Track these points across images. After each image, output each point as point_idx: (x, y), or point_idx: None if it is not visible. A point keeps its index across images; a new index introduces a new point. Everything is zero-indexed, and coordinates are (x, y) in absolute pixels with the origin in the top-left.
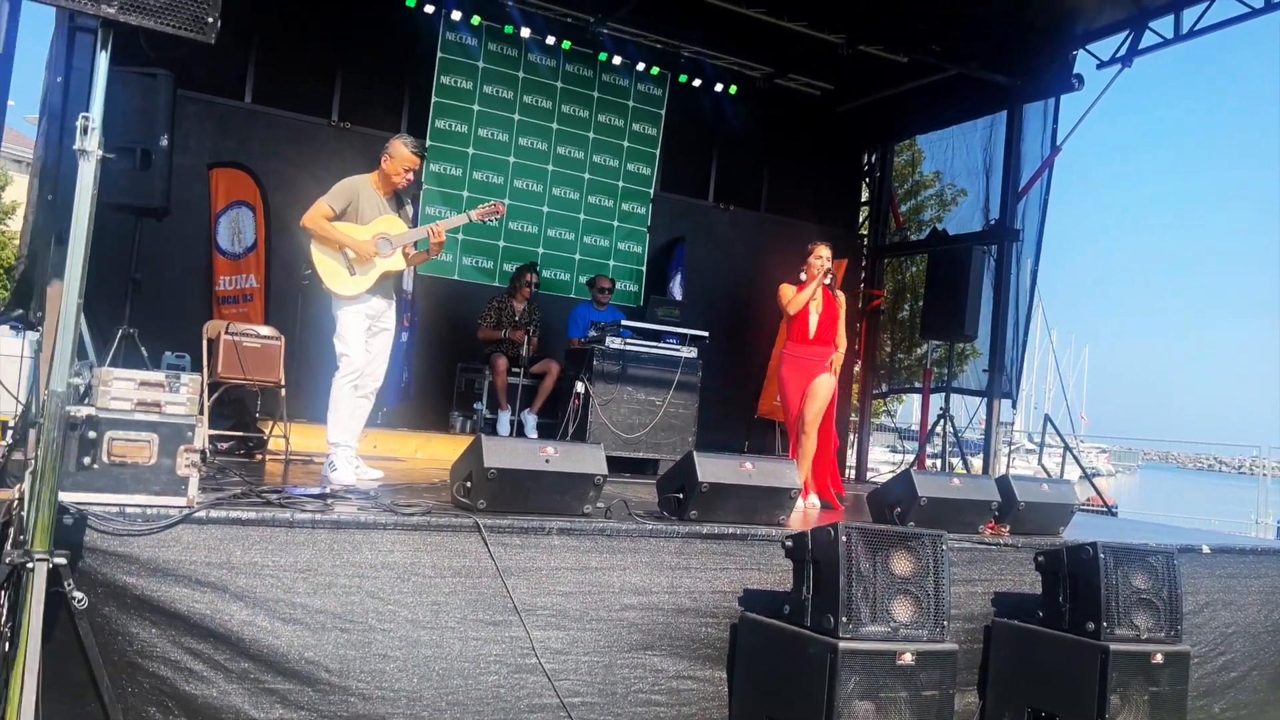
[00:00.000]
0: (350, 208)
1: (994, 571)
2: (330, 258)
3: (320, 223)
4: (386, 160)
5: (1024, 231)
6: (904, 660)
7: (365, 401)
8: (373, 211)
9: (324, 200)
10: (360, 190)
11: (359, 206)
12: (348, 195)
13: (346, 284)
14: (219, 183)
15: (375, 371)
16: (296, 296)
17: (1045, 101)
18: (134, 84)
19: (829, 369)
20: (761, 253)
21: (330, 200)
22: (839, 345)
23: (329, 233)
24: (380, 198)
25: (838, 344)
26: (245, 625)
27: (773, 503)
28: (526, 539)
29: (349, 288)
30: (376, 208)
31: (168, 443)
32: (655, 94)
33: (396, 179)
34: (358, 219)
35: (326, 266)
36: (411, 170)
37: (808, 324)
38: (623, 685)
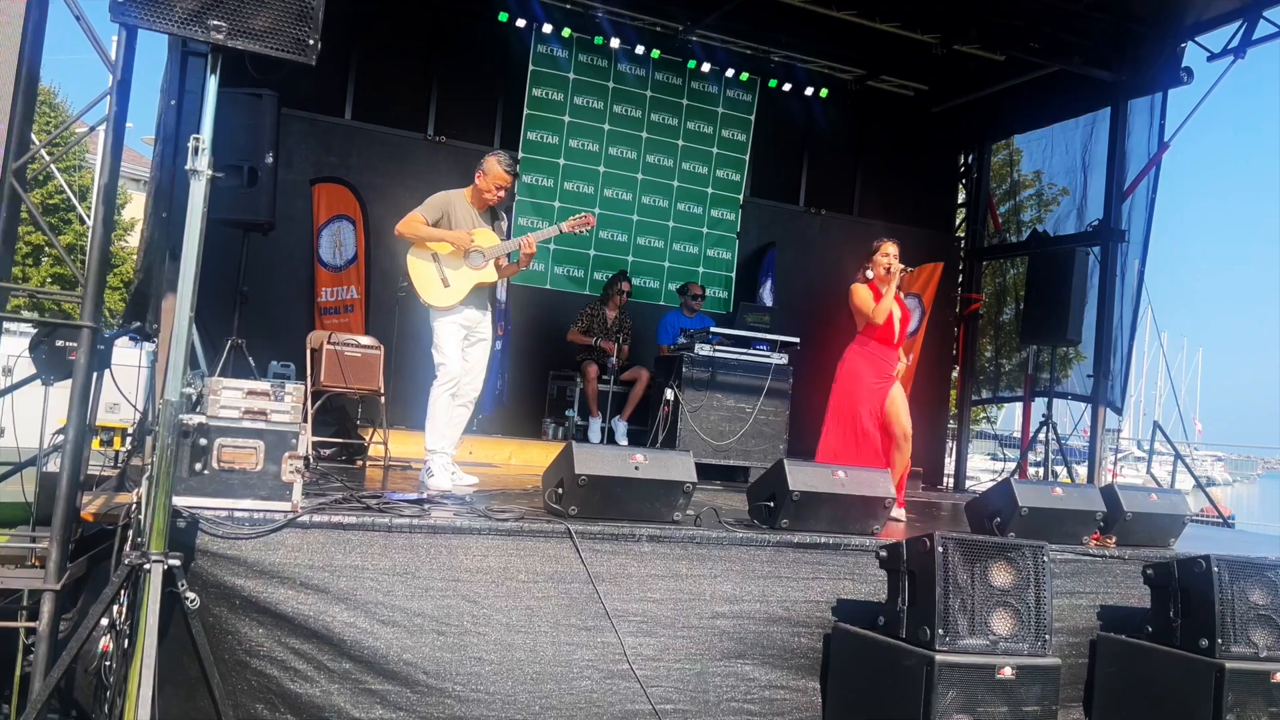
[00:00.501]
0: (443, 220)
1: (1100, 584)
2: (425, 267)
3: (415, 227)
4: (480, 176)
5: (1129, 232)
6: (1004, 674)
7: (464, 410)
8: (466, 224)
9: (417, 211)
10: (454, 203)
11: (452, 219)
12: (441, 207)
13: (440, 295)
14: (321, 197)
15: (473, 381)
16: (395, 307)
17: (1151, 97)
18: (241, 104)
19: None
20: (854, 257)
21: (424, 211)
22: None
23: (424, 233)
24: (474, 211)
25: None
26: (347, 626)
27: (866, 512)
28: (617, 545)
29: (443, 299)
30: (470, 220)
31: (273, 449)
32: (745, 99)
33: (489, 195)
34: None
35: (421, 278)
36: (503, 188)
37: (892, 327)
38: (715, 693)
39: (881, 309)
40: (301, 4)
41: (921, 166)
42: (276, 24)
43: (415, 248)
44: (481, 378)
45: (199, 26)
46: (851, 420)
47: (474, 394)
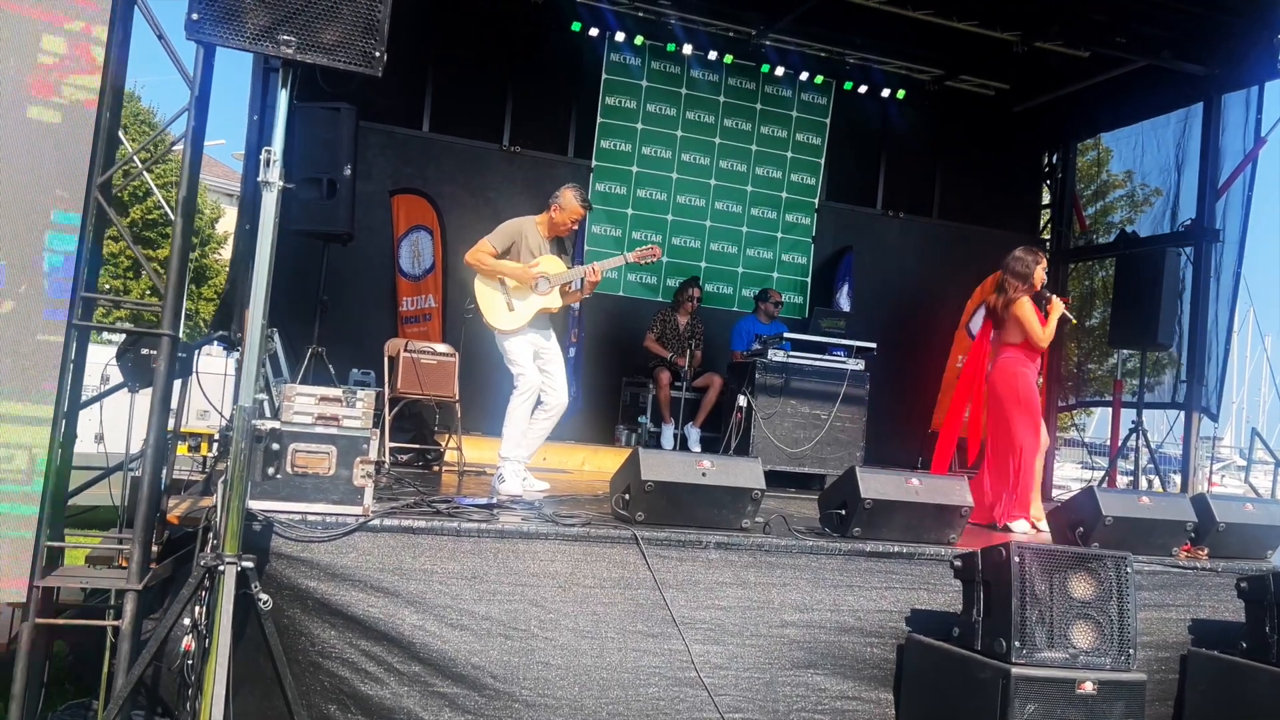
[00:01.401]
0: (513, 247)
1: (1191, 597)
2: (491, 292)
3: (481, 258)
4: (556, 210)
5: (1224, 231)
6: (1084, 689)
7: (548, 422)
8: (536, 252)
9: (487, 239)
10: (525, 231)
11: (522, 246)
12: (511, 235)
13: (505, 319)
14: (400, 208)
15: (558, 394)
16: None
17: (1247, 90)
18: (320, 118)
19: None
20: (934, 261)
21: (494, 239)
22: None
23: (491, 267)
24: (543, 239)
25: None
26: (416, 630)
27: (941, 521)
28: (684, 552)
29: (507, 322)
30: (539, 248)
31: (345, 454)
32: (820, 103)
33: (564, 228)
34: (520, 259)
35: (487, 300)
36: (578, 220)
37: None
38: (785, 703)
39: (1048, 334)
40: (368, 18)
41: (1003, 167)
42: (344, 38)
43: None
44: (565, 390)
45: (270, 42)
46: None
47: (561, 406)
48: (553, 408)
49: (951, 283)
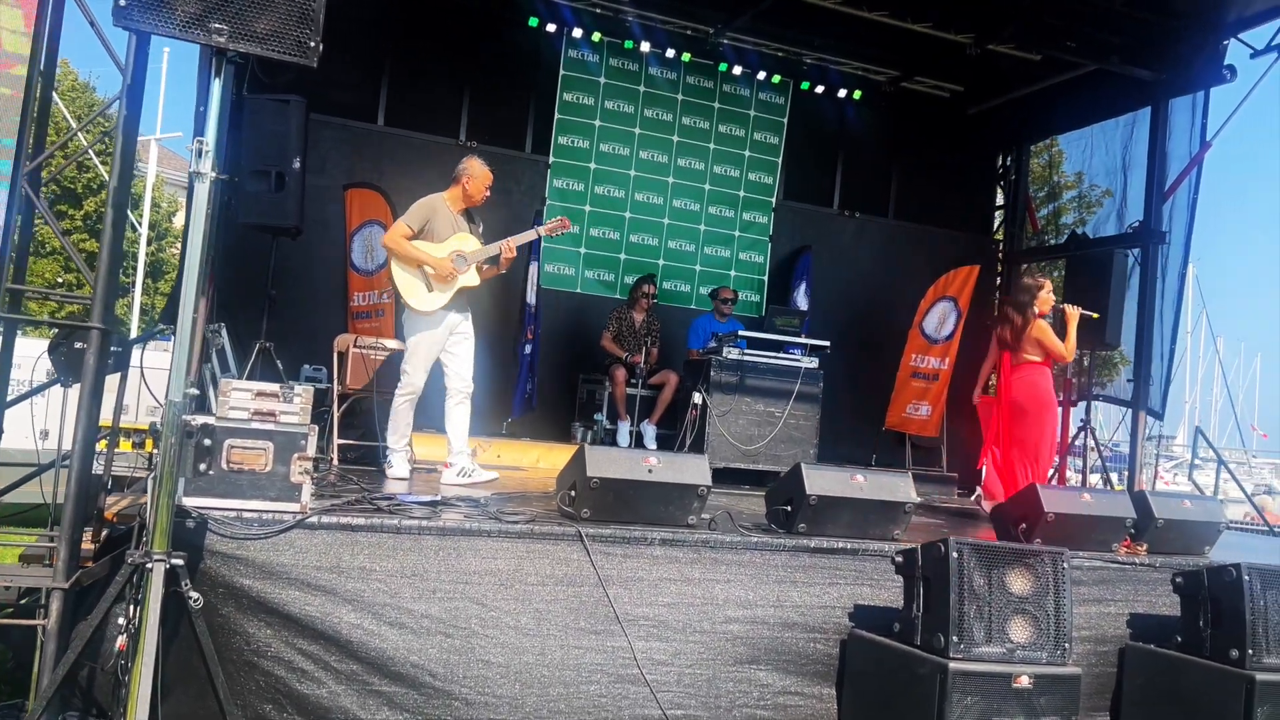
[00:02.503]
0: (427, 226)
1: (1129, 592)
2: (409, 275)
3: (400, 242)
4: (467, 180)
5: (1170, 234)
6: (1021, 683)
7: (463, 407)
8: (447, 229)
9: (402, 220)
10: (437, 209)
11: (435, 224)
12: (425, 214)
13: (425, 300)
14: (353, 202)
15: (464, 377)
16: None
17: (1193, 95)
18: (268, 110)
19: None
20: (889, 261)
21: (409, 219)
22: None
23: (409, 252)
24: (454, 215)
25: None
26: (354, 628)
27: (885, 517)
28: (629, 549)
29: (427, 303)
30: (451, 225)
31: (282, 451)
32: (777, 102)
33: (478, 197)
34: (434, 237)
35: (406, 283)
36: (489, 187)
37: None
38: (727, 699)
39: (1070, 348)
40: (303, 7)
41: (958, 168)
42: (278, 27)
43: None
44: (470, 371)
45: (201, 30)
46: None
47: (468, 389)
48: (460, 392)
49: (906, 282)
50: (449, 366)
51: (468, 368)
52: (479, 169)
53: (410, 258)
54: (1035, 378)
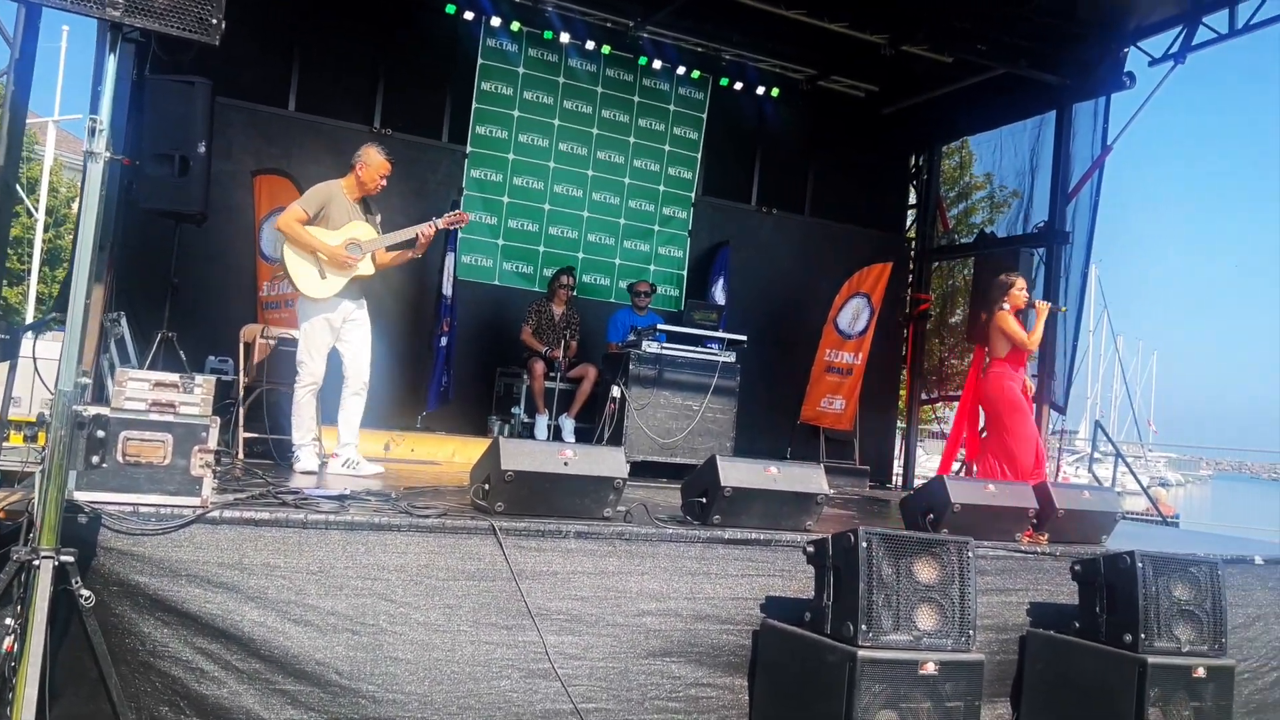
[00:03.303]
0: (322, 212)
1: (1030, 581)
2: (303, 260)
3: (294, 227)
4: (362, 168)
5: (1074, 234)
6: (926, 670)
7: (357, 399)
8: (343, 217)
9: (298, 204)
10: (333, 195)
11: (330, 211)
12: (322, 200)
13: (317, 287)
14: (262, 189)
15: (360, 368)
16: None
17: (1096, 101)
18: (171, 92)
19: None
20: (806, 257)
21: (304, 204)
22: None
23: (303, 237)
24: (350, 203)
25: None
26: (256, 626)
27: (798, 508)
28: (543, 542)
29: (319, 290)
30: (347, 213)
31: (182, 443)
32: (696, 98)
33: (372, 185)
34: (329, 223)
35: (298, 269)
36: (386, 176)
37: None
38: (639, 691)
39: (1035, 338)
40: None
41: (872, 167)
42: (178, 2)
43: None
44: (367, 361)
45: (94, 3)
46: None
47: (364, 379)
48: (355, 382)
49: (821, 279)
50: (344, 356)
51: (363, 358)
52: (375, 157)
53: (304, 243)
54: (1001, 379)
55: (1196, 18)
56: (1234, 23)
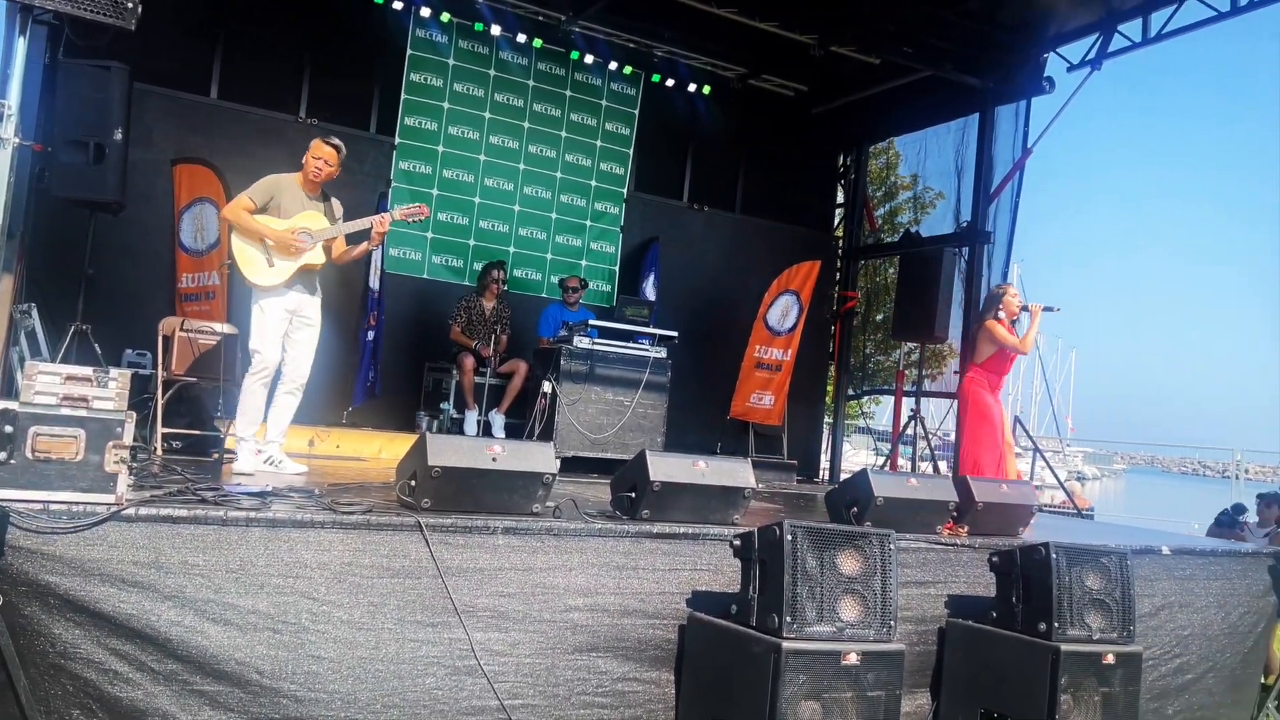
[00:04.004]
0: (272, 203)
1: (950, 572)
2: (249, 248)
3: (239, 214)
4: (307, 159)
5: (995, 234)
6: (849, 660)
7: (291, 397)
8: (295, 207)
9: (245, 194)
10: (283, 187)
11: (280, 202)
12: (270, 190)
13: (265, 274)
14: (182, 178)
15: (299, 366)
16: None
17: (1017, 104)
18: (86, 77)
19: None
20: (736, 254)
21: (252, 194)
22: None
23: (249, 224)
24: (303, 194)
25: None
26: (173, 626)
27: (726, 502)
28: (470, 538)
29: (267, 278)
30: (299, 203)
31: (96, 439)
32: (629, 93)
33: (307, 169)
34: (279, 214)
35: (245, 256)
36: (323, 159)
37: (1009, 359)
38: (565, 687)
39: (1029, 341)
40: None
41: (802, 166)
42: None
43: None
44: (308, 362)
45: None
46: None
47: (301, 379)
48: (291, 383)
49: (752, 276)
50: (286, 351)
51: (306, 358)
52: (317, 145)
53: (250, 230)
54: (973, 385)
55: (1112, 26)
56: (1147, 32)
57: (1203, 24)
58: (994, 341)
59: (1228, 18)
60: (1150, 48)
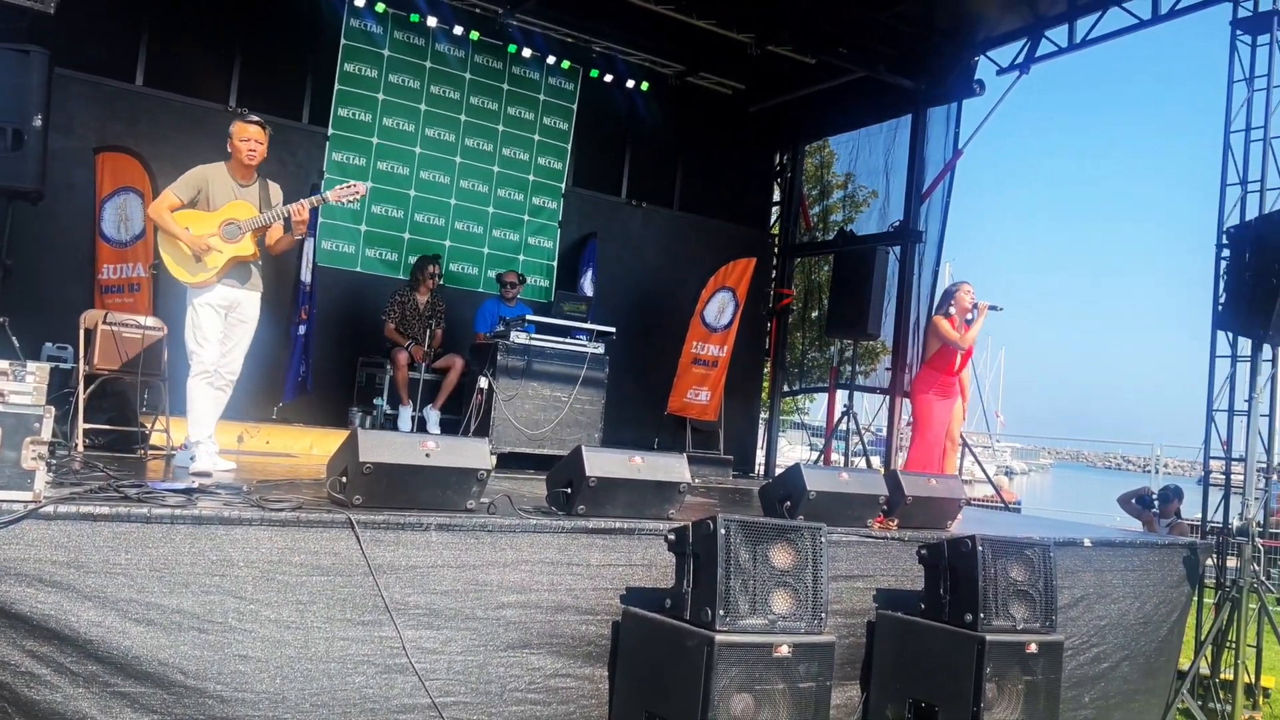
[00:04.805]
0: (200, 195)
1: (880, 565)
2: (175, 247)
3: (162, 215)
4: (229, 142)
5: (927, 233)
6: (781, 652)
7: (221, 393)
8: (224, 197)
9: (170, 190)
10: (210, 177)
11: (209, 193)
12: (196, 183)
13: (192, 272)
14: (105, 167)
15: (232, 363)
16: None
17: (948, 106)
18: (3, 60)
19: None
20: (674, 250)
21: (177, 189)
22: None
23: (168, 225)
24: (234, 183)
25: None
26: (93, 626)
27: (662, 497)
28: (403, 535)
29: (196, 275)
30: (229, 193)
31: (12, 434)
32: (567, 88)
33: (238, 155)
34: (208, 206)
35: (173, 257)
36: (251, 139)
37: (956, 356)
38: (497, 684)
39: (969, 337)
40: None
41: (739, 164)
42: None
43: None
44: (241, 359)
45: None
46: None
47: (232, 378)
48: (222, 377)
49: (689, 272)
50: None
51: (239, 356)
52: (234, 125)
53: (170, 232)
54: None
55: (1040, 31)
56: (1073, 37)
57: (1125, 31)
58: (938, 337)
59: (1149, 25)
60: (1076, 53)
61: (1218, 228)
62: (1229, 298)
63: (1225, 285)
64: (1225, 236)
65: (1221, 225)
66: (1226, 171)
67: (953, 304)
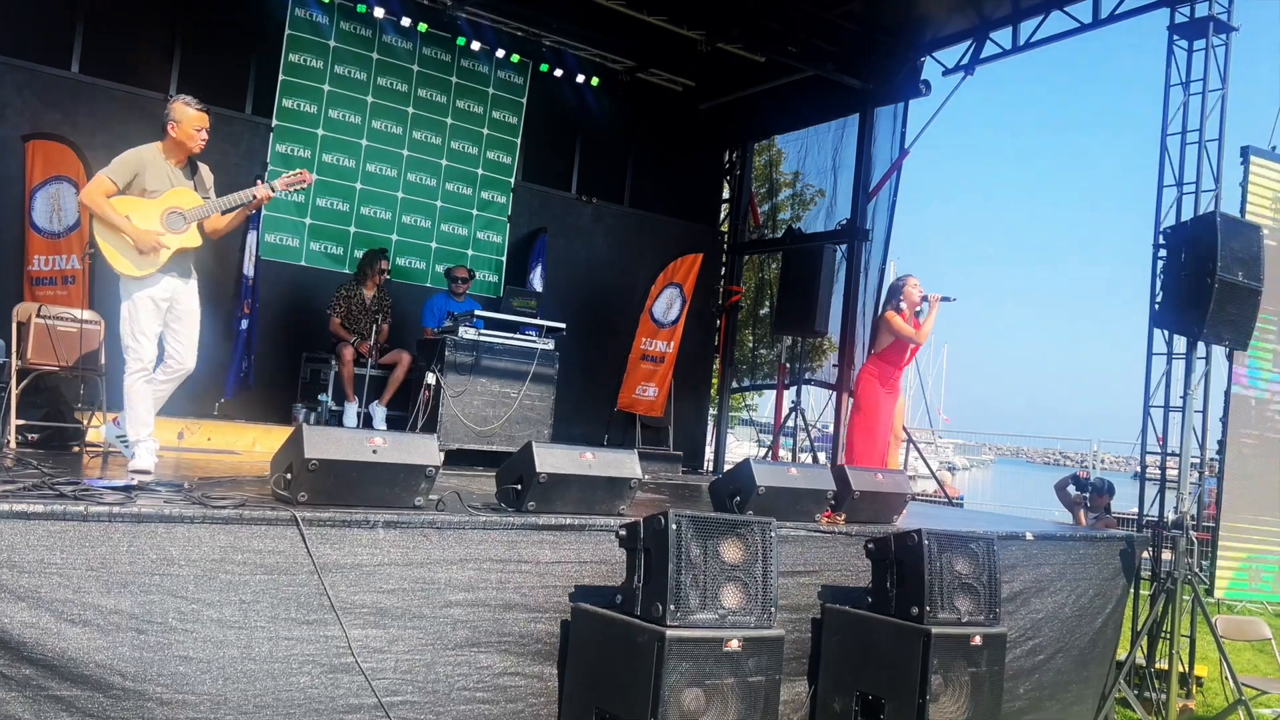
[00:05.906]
0: (135, 181)
1: (829, 559)
2: (114, 237)
3: (99, 202)
4: (173, 126)
5: (873, 232)
6: (731, 647)
7: (169, 385)
8: (162, 184)
9: (104, 174)
10: (146, 161)
11: (145, 179)
12: (132, 168)
13: (135, 263)
14: (36, 155)
15: (186, 355)
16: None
17: (895, 106)
18: None
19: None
20: (624, 246)
21: (112, 174)
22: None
23: (109, 215)
24: (170, 168)
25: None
26: (27, 628)
27: (612, 493)
28: (349, 533)
29: (139, 266)
30: (167, 179)
31: None
32: (516, 82)
33: (190, 143)
34: (144, 193)
35: (111, 247)
36: (203, 129)
37: (906, 350)
38: (445, 683)
39: (924, 332)
40: None
41: (688, 161)
42: None
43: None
44: (193, 351)
45: None
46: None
47: (186, 370)
48: (176, 370)
49: (639, 268)
50: (167, 343)
51: (189, 347)
52: (185, 111)
53: (110, 222)
54: (864, 379)
55: (985, 33)
56: (1017, 40)
57: (1068, 34)
58: (891, 332)
59: (1091, 29)
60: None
61: (1155, 228)
62: (1165, 296)
63: (1162, 284)
64: (1162, 237)
65: (1159, 226)
66: (1164, 173)
67: (902, 298)
